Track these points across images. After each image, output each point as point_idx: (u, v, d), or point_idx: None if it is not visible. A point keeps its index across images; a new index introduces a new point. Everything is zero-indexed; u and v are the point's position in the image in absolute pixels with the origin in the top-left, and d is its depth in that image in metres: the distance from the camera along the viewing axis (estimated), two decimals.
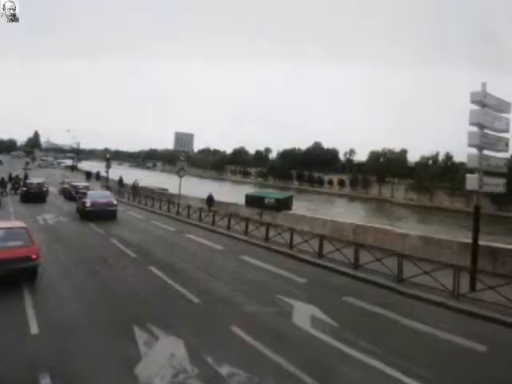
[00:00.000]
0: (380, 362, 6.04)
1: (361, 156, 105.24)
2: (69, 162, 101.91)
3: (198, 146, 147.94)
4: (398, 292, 9.69)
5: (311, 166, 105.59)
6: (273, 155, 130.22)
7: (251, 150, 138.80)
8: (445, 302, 8.83)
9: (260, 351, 6.26)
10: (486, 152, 10.05)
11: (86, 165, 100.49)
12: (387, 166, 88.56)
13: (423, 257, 10.85)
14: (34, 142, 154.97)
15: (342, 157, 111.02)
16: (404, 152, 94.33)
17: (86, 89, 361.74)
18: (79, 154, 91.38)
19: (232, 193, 52.14)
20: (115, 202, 22.25)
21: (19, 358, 5.83)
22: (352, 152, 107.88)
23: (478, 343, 6.86)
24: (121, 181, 42.33)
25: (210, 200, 25.58)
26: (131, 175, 49.85)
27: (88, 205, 20.72)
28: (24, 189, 29.69)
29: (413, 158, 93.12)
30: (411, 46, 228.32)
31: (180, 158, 29.00)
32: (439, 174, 78.21)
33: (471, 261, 9.71)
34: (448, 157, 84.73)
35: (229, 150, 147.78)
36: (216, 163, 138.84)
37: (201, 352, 6.09)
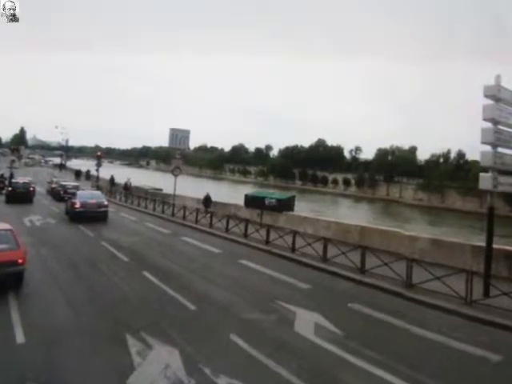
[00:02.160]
0: (387, 372, 6.04)
1: (367, 154, 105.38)
2: (57, 160, 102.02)
3: (194, 143, 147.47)
4: (407, 298, 9.70)
5: (314, 165, 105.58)
6: (274, 153, 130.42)
7: (251, 148, 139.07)
8: (457, 308, 8.84)
9: (260, 361, 6.26)
10: (500, 149, 10.04)
11: (75, 163, 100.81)
12: (395, 165, 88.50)
13: (434, 261, 10.86)
14: (19, 139, 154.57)
15: (347, 154, 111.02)
16: (413, 149, 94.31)
17: (75, 84, 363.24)
18: (68, 151, 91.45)
19: (231, 193, 52.22)
20: (106, 203, 22.27)
21: (4, 369, 5.82)
22: (358, 149, 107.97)
23: (491, 352, 6.86)
24: (112, 180, 42.31)
25: (207, 200, 25.59)
26: (123, 174, 49.84)
27: (77, 206, 20.73)
28: (9, 188, 29.69)
29: (422, 155, 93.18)
30: (420, 39, 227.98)
31: (175, 155, 28.92)
32: (451, 173, 78.25)
33: (485, 265, 9.71)
34: (460, 154, 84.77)
35: (227, 148, 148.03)
36: (214, 161, 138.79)
37: (197, 362, 6.09)
